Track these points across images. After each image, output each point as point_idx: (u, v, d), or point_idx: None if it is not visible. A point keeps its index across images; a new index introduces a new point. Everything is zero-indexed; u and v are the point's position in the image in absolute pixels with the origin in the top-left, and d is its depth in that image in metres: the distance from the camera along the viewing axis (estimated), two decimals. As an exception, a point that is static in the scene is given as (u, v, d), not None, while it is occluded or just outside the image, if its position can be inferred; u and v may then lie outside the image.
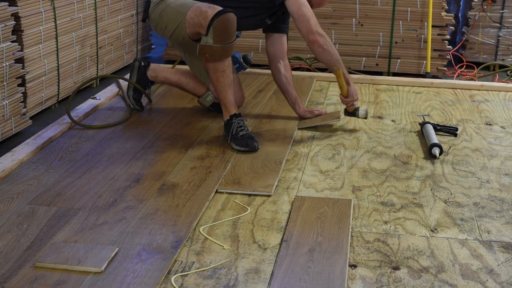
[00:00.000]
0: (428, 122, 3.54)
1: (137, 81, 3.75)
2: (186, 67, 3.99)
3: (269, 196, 2.77)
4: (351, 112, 3.58)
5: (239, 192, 2.79)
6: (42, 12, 3.92)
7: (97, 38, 4.63)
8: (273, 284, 2.11)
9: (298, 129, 3.54)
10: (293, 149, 3.29)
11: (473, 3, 5.44)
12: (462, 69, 5.36)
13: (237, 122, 3.30)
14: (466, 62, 5.48)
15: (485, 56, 5.51)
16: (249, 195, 2.78)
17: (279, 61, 3.66)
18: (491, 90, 4.41)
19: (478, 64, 5.44)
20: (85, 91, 4.32)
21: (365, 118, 3.57)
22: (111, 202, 2.66)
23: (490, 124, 3.74)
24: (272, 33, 3.63)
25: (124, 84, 4.16)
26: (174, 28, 3.33)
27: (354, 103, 3.53)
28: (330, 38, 5.17)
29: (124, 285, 2.09)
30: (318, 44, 3.33)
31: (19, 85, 3.69)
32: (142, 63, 3.76)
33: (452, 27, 5.23)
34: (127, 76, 3.95)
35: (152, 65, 3.79)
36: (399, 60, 5.18)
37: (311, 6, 3.39)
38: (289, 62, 5.21)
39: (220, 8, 3.17)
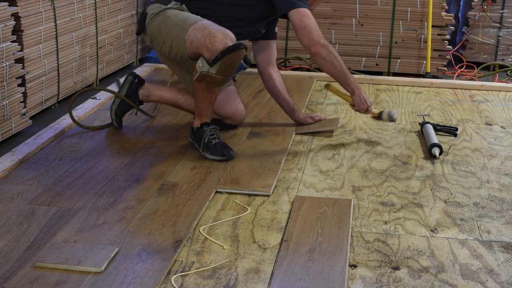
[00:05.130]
0: (428, 122, 3.54)
1: (126, 96, 3.45)
2: (181, 83, 3.63)
3: (267, 196, 2.77)
4: (377, 117, 3.48)
5: (238, 192, 2.79)
6: (42, 12, 3.93)
7: (97, 38, 4.63)
8: (273, 284, 2.11)
9: (296, 134, 3.46)
10: (293, 149, 3.29)
11: (473, 3, 5.44)
12: (462, 69, 5.36)
13: (209, 130, 3.11)
14: (466, 62, 5.48)
15: (485, 56, 5.51)
16: (249, 195, 2.78)
17: (271, 68, 3.49)
18: (491, 90, 4.41)
19: (478, 64, 5.44)
20: (85, 91, 4.31)
21: (392, 121, 3.46)
22: (111, 202, 2.66)
23: (490, 124, 3.74)
24: (262, 40, 3.45)
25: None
26: (171, 44, 3.11)
27: (370, 108, 3.37)
28: (332, 44, 5.19)
29: (124, 285, 2.09)
30: (320, 56, 3.16)
31: (19, 85, 3.70)
32: (137, 79, 3.45)
33: (452, 27, 5.23)
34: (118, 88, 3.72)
35: (146, 84, 3.48)
36: (399, 60, 5.18)
37: (310, 8, 3.24)
38: (289, 62, 5.28)
39: (232, 39, 2.93)
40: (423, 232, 2.50)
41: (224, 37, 2.91)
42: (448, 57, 5.25)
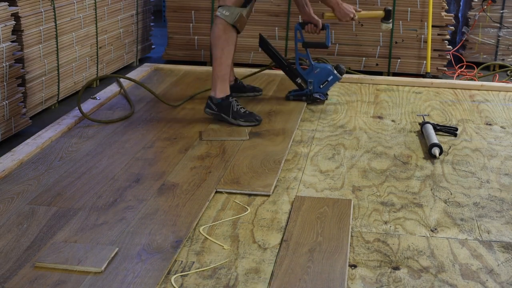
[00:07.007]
0: (428, 122, 3.54)
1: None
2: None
3: (267, 196, 2.77)
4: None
5: (238, 191, 2.79)
6: (42, 12, 3.93)
7: (97, 38, 4.63)
8: (273, 284, 2.11)
9: (201, 139, 3.35)
10: (293, 149, 3.29)
11: (473, 3, 5.44)
12: (462, 69, 5.36)
13: (235, 101, 3.51)
14: (466, 62, 5.48)
15: (485, 56, 5.51)
16: (249, 195, 2.78)
17: None
18: (491, 90, 4.41)
19: (478, 64, 5.44)
20: (85, 91, 4.32)
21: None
22: (111, 202, 2.66)
23: (490, 124, 3.74)
24: None
25: (125, 83, 4.16)
26: None
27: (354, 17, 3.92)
28: (332, 44, 5.18)
29: (124, 285, 2.09)
30: None
31: (19, 85, 3.70)
32: None
33: (452, 27, 5.23)
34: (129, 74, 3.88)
35: None
36: (399, 60, 5.18)
37: None
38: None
39: None
40: (423, 232, 2.50)
41: None
42: (448, 57, 5.25)
